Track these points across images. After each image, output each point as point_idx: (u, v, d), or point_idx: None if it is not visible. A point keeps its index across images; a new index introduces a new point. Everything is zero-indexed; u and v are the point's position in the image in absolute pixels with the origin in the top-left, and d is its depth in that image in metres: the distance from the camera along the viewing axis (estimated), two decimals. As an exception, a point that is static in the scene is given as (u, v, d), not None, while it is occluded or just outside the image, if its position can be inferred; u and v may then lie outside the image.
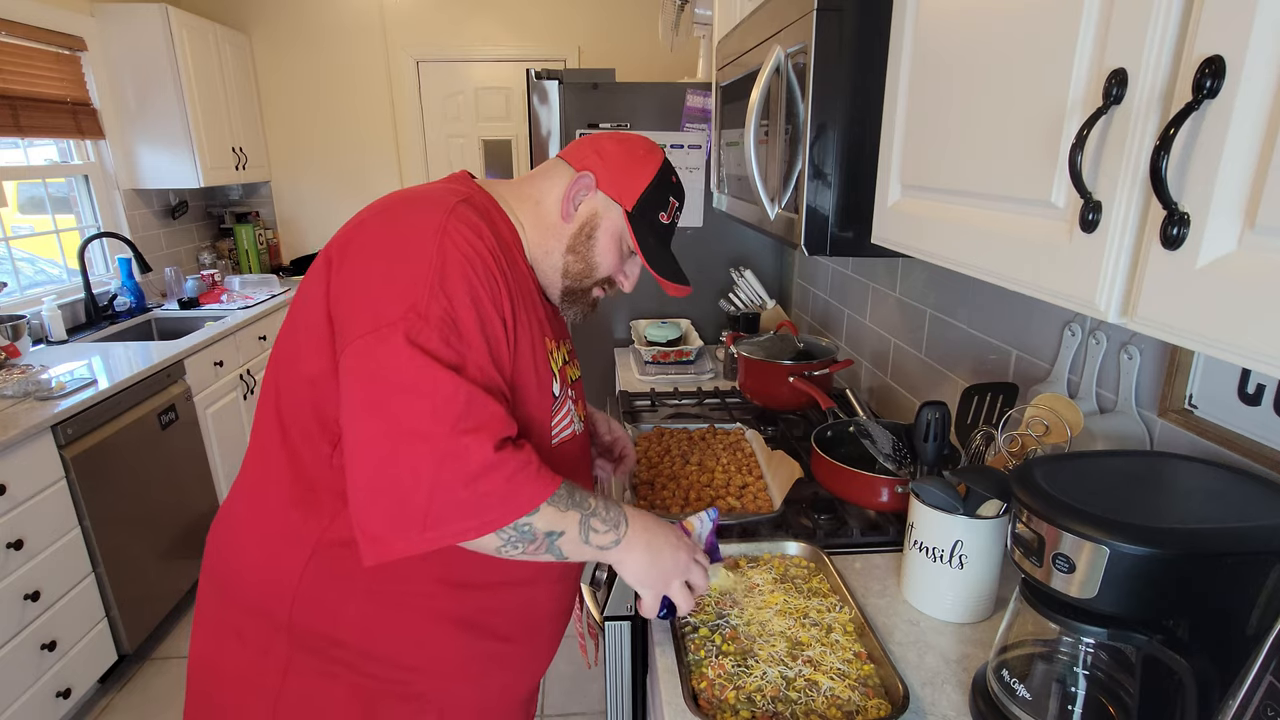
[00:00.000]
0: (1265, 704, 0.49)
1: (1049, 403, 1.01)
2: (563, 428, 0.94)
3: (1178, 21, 0.46)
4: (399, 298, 0.74)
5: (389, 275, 0.76)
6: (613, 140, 0.94)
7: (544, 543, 0.77)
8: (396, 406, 0.71)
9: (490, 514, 0.72)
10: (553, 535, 0.77)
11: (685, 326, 2.36)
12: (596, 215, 0.92)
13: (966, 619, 0.97)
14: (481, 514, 0.72)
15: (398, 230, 0.79)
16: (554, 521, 0.77)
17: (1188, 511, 0.69)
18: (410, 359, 0.71)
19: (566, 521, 0.78)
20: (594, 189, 0.91)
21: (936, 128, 0.77)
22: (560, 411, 0.93)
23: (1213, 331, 0.44)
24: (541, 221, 0.92)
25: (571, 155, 0.94)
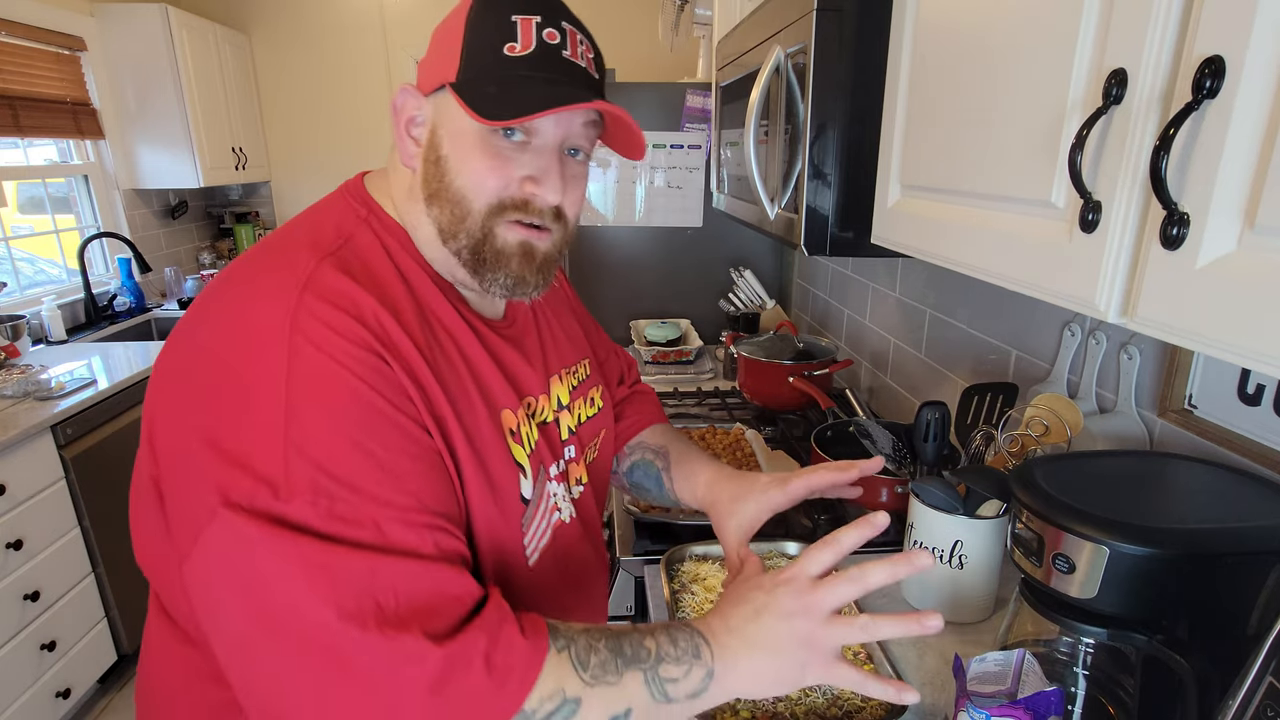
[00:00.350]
0: (1265, 704, 0.49)
1: (1049, 403, 1.01)
2: (540, 533, 0.69)
3: (1178, 21, 0.46)
4: (238, 458, 0.49)
5: (216, 420, 0.51)
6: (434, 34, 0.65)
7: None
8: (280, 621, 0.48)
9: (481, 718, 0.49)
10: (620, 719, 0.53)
11: (685, 326, 2.36)
12: (434, 130, 0.62)
13: (966, 619, 0.96)
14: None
15: (225, 340, 0.53)
16: (611, 703, 0.53)
17: (1188, 511, 0.69)
18: (273, 544, 0.48)
19: (628, 693, 0.53)
20: (420, 98, 0.63)
21: (936, 128, 0.77)
22: (536, 517, 0.68)
23: (1212, 331, 0.44)
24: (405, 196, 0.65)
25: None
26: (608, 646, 0.55)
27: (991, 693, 0.66)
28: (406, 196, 0.65)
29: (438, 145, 0.62)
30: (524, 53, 0.59)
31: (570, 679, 0.52)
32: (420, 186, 0.63)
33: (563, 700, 0.51)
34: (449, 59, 0.60)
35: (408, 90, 0.63)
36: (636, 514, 1.19)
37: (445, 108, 0.61)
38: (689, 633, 0.57)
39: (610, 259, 2.39)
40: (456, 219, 0.62)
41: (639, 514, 1.19)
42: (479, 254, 0.63)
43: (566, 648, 0.54)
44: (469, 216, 0.62)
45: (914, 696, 0.57)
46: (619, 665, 0.54)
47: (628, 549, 1.15)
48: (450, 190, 0.61)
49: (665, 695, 0.55)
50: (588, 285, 2.40)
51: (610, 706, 0.53)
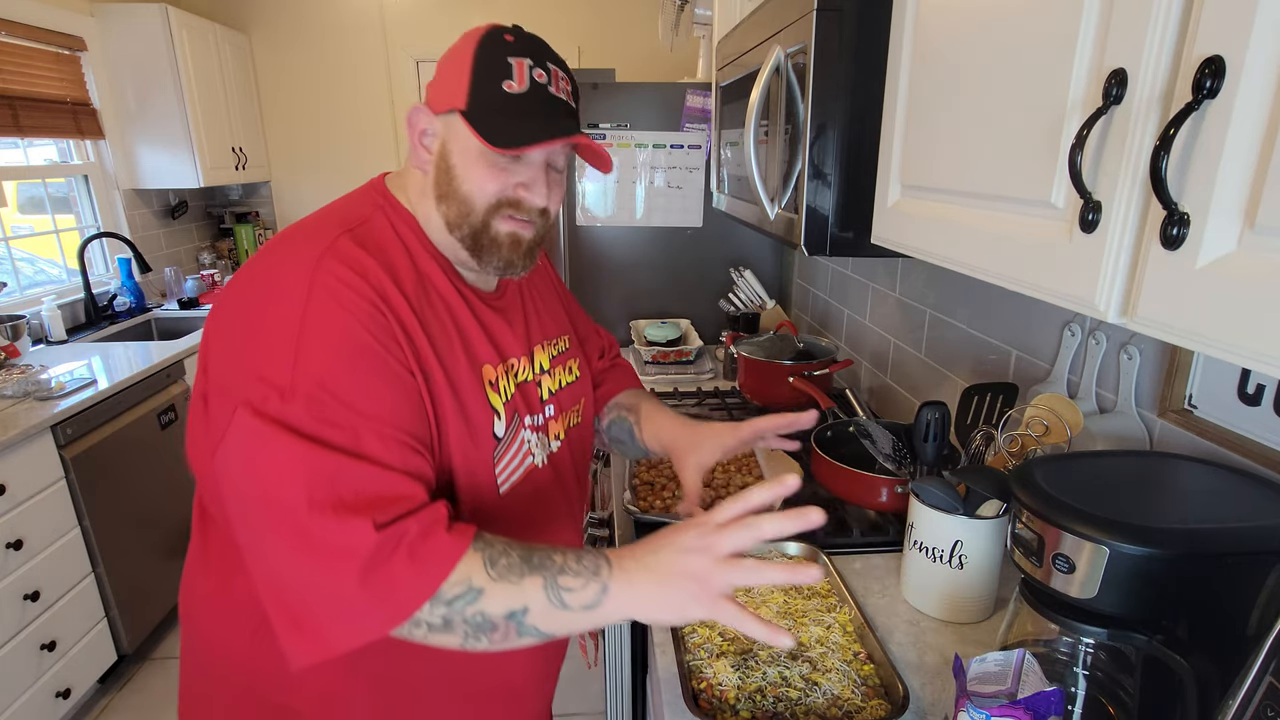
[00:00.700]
0: (1265, 704, 0.49)
1: (1049, 403, 1.01)
2: (512, 469, 0.81)
3: (1178, 21, 0.46)
4: (254, 371, 0.64)
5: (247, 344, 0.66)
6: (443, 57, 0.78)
7: (509, 628, 0.64)
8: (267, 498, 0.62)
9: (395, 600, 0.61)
10: (516, 615, 0.63)
11: (685, 326, 2.36)
12: (445, 143, 0.76)
13: (966, 619, 0.97)
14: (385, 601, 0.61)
15: (262, 284, 0.69)
16: (511, 598, 0.63)
17: (1187, 512, 0.69)
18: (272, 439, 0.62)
19: (527, 593, 0.63)
20: (431, 116, 0.76)
21: (936, 128, 0.77)
22: (509, 454, 0.80)
23: (1212, 331, 0.44)
24: (421, 193, 0.78)
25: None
26: (519, 554, 0.65)
27: (991, 693, 0.66)
28: (419, 193, 0.78)
29: (448, 156, 0.75)
30: (519, 90, 0.74)
31: (478, 573, 0.63)
32: (432, 187, 0.77)
33: (468, 588, 0.63)
34: (458, 89, 0.74)
35: (421, 109, 0.77)
36: (636, 514, 1.19)
37: (454, 127, 0.75)
38: (595, 554, 0.67)
39: (610, 259, 2.39)
40: (462, 214, 0.76)
41: (639, 514, 1.19)
42: (479, 241, 0.77)
43: (483, 550, 0.64)
44: (472, 213, 0.76)
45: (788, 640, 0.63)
46: (523, 570, 0.64)
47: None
48: (459, 192, 0.75)
49: (561, 602, 0.64)
50: (588, 285, 2.40)
51: (509, 602, 0.63)
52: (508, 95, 0.73)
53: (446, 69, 0.76)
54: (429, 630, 0.63)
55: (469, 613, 0.63)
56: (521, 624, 0.64)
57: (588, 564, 0.65)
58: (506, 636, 0.64)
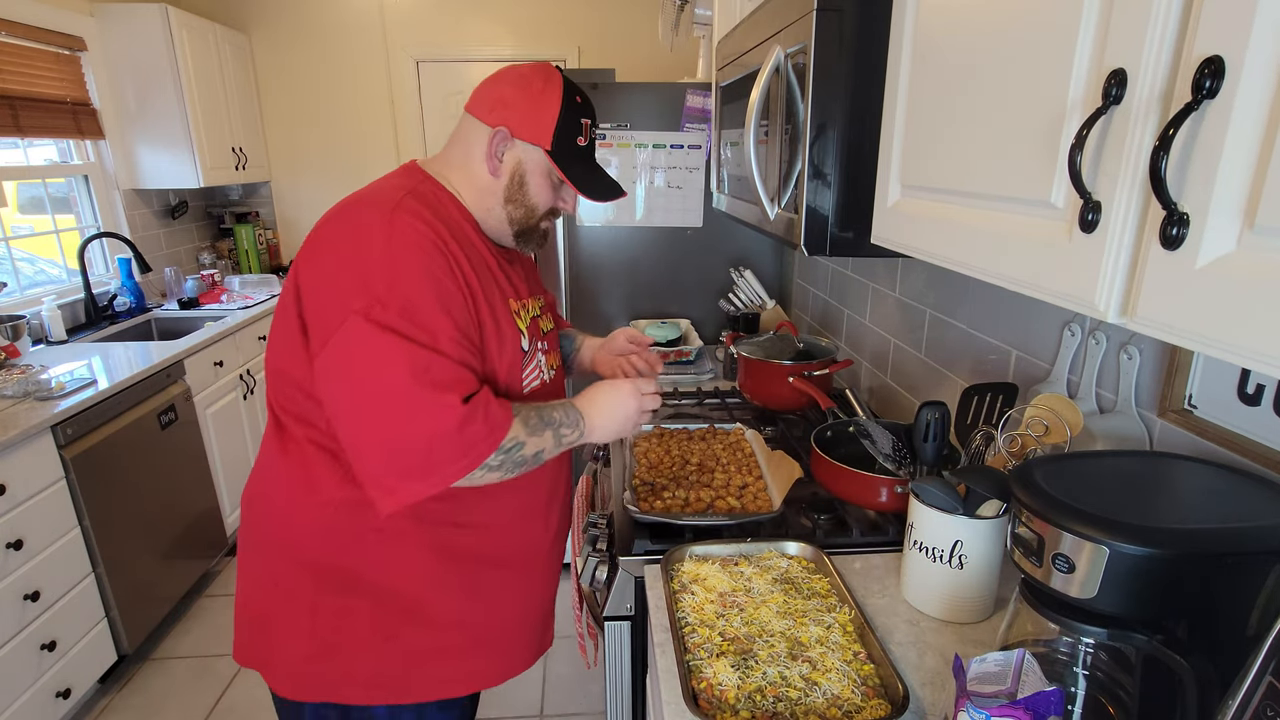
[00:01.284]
0: (1265, 704, 0.49)
1: (1049, 403, 1.01)
2: (532, 378, 1.06)
3: (1177, 21, 0.46)
4: (359, 291, 0.84)
5: (346, 273, 0.86)
6: (511, 84, 0.98)
7: (535, 460, 0.94)
8: (380, 381, 0.83)
9: (476, 450, 0.87)
10: (540, 454, 0.95)
11: (685, 326, 2.36)
12: (521, 163, 0.99)
13: (966, 619, 0.97)
14: (469, 452, 0.86)
15: (350, 231, 0.89)
16: (536, 445, 0.94)
17: (1187, 512, 0.69)
18: (379, 339, 0.83)
19: (544, 441, 0.95)
20: (510, 139, 0.98)
21: (936, 128, 0.77)
22: (530, 365, 1.05)
23: (1212, 331, 0.44)
24: (475, 184, 1.00)
25: (479, 109, 0.99)
26: (537, 416, 0.95)
27: (991, 693, 0.66)
28: (476, 186, 1.01)
29: (523, 174, 1.00)
30: (584, 145, 1.02)
31: (519, 431, 0.92)
32: (501, 191, 1.01)
33: (515, 441, 0.91)
34: (542, 131, 0.98)
35: (504, 133, 0.98)
36: (636, 514, 1.19)
37: (534, 158, 1.00)
38: (574, 410, 1.00)
39: (610, 259, 2.39)
40: (525, 216, 1.03)
41: (639, 514, 1.19)
42: (527, 232, 1.05)
43: (519, 414, 0.93)
44: (532, 216, 1.04)
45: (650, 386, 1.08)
46: (541, 426, 0.95)
47: (627, 549, 1.15)
48: (528, 201, 1.02)
49: (561, 440, 0.98)
50: (588, 285, 2.40)
51: (535, 447, 0.94)
52: (577, 147, 1.00)
53: (531, 108, 0.97)
54: (486, 471, 0.89)
55: (514, 456, 0.91)
56: (540, 456, 0.95)
57: (572, 417, 0.99)
58: (528, 467, 0.95)
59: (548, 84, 0.97)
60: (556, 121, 0.96)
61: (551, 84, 0.97)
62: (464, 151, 1.00)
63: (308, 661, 1.01)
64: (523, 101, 0.96)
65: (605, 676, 1.24)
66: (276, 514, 1.01)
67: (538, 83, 0.97)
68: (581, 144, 1.00)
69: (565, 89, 0.98)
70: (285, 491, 1.00)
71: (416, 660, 1.03)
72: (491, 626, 1.08)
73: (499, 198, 1.00)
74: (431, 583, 1.01)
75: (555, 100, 0.97)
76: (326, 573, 0.99)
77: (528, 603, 1.14)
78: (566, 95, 0.97)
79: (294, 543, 1.00)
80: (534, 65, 1.00)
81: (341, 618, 0.99)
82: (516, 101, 0.97)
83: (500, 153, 0.98)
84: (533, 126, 0.97)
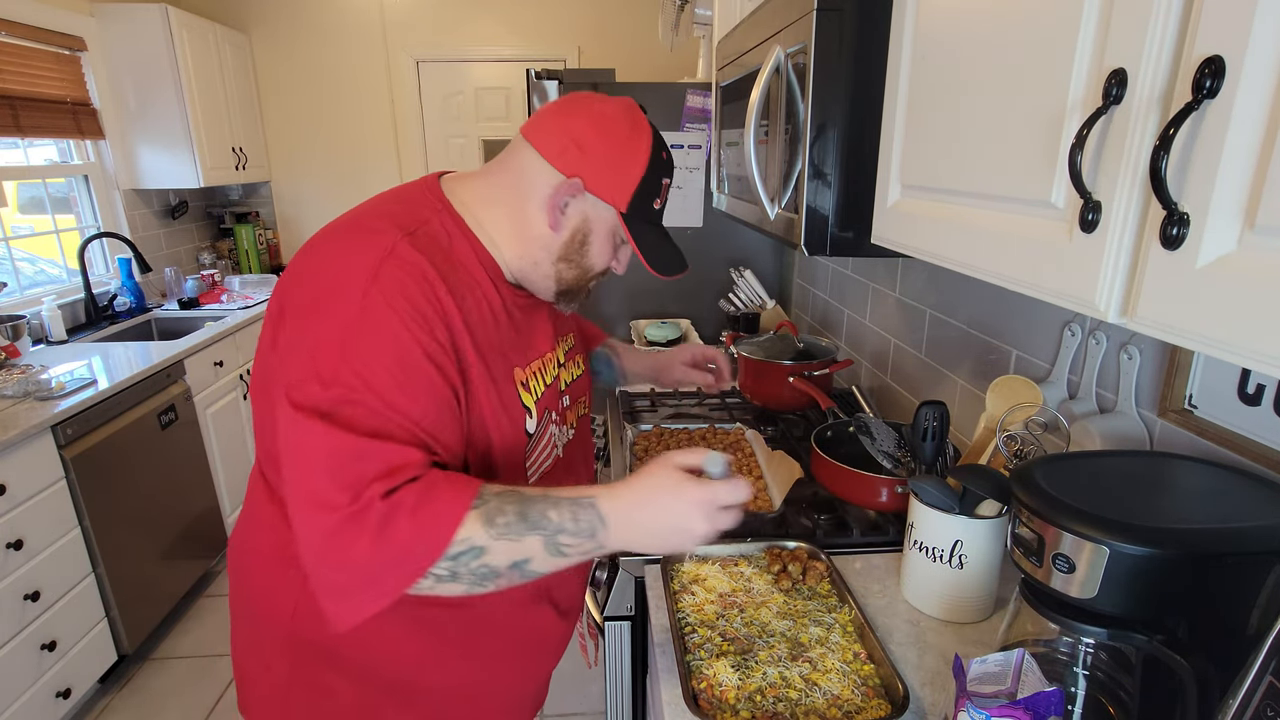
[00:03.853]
0: (1265, 704, 0.49)
1: (1007, 384, 1.04)
2: (542, 460, 0.89)
3: (1177, 21, 0.46)
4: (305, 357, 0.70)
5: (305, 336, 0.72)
6: (594, 127, 0.81)
7: (513, 574, 0.71)
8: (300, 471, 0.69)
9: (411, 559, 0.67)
10: (519, 564, 0.71)
11: (685, 326, 2.36)
12: (588, 220, 0.83)
13: (966, 619, 0.97)
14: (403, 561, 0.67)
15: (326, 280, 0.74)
16: (512, 554, 0.70)
17: (1188, 511, 0.69)
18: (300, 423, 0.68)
19: (528, 548, 0.70)
20: (583, 192, 0.82)
21: (936, 128, 0.77)
22: (538, 448, 0.88)
23: (1213, 331, 0.44)
24: (524, 234, 0.83)
25: (546, 144, 0.81)
26: (515, 511, 0.70)
27: (991, 693, 0.66)
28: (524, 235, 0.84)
29: (588, 233, 0.84)
30: (659, 206, 0.87)
31: (478, 533, 0.68)
32: (559, 248, 0.84)
33: (470, 547, 0.68)
34: (621, 190, 0.82)
35: (577, 184, 0.81)
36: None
37: (601, 213, 0.84)
38: (590, 512, 0.71)
39: (610, 259, 2.38)
40: (579, 277, 0.88)
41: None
42: (574, 292, 0.89)
43: (480, 507, 0.69)
44: (585, 277, 0.88)
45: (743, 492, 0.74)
46: (521, 529, 0.69)
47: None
48: (585, 261, 0.86)
49: (561, 553, 0.71)
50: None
51: (511, 555, 0.70)
52: (652, 210, 0.86)
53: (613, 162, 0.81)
54: (436, 581, 0.69)
55: (474, 565, 0.69)
56: (524, 570, 0.71)
57: (584, 525, 0.71)
58: (511, 581, 0.72)
59: (635, 132, 0.82)
60: (639, 182, 0.81)
61: (639, 134, 0.82)
62: (516, 190, 0.83)
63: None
64: (605, 150, 0.80)
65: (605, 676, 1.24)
66: (258, 582, 0.89)
67: (623, 129, 0.81)
68: (657, 207, 0.86)
69: (654, 144, 0.83)
70: (267, 561, 0.87)
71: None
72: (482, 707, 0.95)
73: (552, 254, 0.84)
74: (424, 666, 0.88)
75: (644, 155, 0.82)
76: (307, 649, 0.86)
77: (525, 686, 1.00)
78: (655, 151, 0.83)
79: (272, 614, 0.87)
80: (620, 104, 0.83)
81: (318, 695, 0.87)
82: (597, 149, 0.80)
83: (564, 204, 0.82)
84: (612, 183, 0.81)
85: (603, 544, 0.72)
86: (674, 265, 0.90)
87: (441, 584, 0.69)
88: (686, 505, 0.72)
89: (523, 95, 3.87)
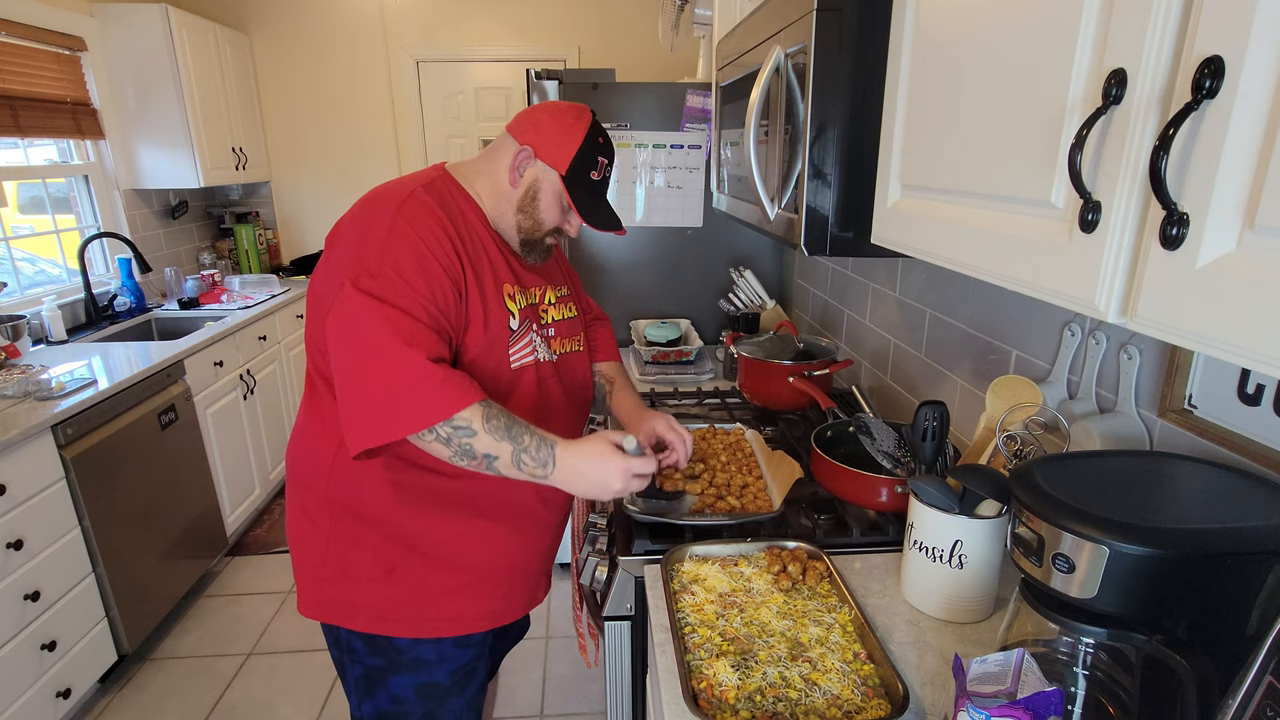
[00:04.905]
0: (1265, 704, 0.49)
1: (1007, 384, 1.04)
2: (524, 354, 1.13)
3: (1177, 22, 0.46)
4: (354, 262, 0.98)
5: (349, 250, 1.00)
6: (548, 113, 1.11)
7: (482, 462, 0.97)
8: (358, 335, 0.94)
9: (427, 408, 0.93)
10: (489, 458, 0.97)
11: (685, 326, 2.36)
12: (538, 180, 1.11)
13: (966, 619, 0.97)
14: (421, 407, 0.93)
15: (364, 216, 1.03)
16: (489, 447, 0.96)
17: (1188, 511, 0.69)
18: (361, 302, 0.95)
19: (500, 450, 0.96)
20: (534, 158, 1.09)
21: (936, 128, 0.77)
22: (519, 342, 1.12)
23: (1212, 331, 0.44)
24: (496, 190, 1.12)
25: (516, 128, 1.12)
26: (504, 422, 0.97)
27: (991, 693, 0.66)
28: (497, 192, 1.13)
29: (537, 191, 1.11)
30: (596, 179, 1.13)
31: (477, 420, 0.96)
32: (516, 201, 1.12)
33: (467, 425, 0.95)
34: (562, 158, 1.09)
35: (528, 151, 1.09)
36: (635, 514, 1.19)
37: (549, 178, 1.11)
38: (550, 450, 0.99)
39: (610, 259, 2.39)
40: (532, 228, 1.14)
41: (638, 514, 1.19)
42: (532, 243, 1.16)
43: (485, 407, 0.97)
44: (538, 229, 1.14)
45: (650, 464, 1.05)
46: (504, 434, 0.97)
47: (628, 549, 1.15)
48: (536, 214, 1.13)
49: (519, 467, 0.98)
50: (588, 286, 2.40)
51: (487, 449, 0.96)
52: (590, 180, 1.12)
53: (557, 136, 1.09)
54: (434, 439, 0.95)
55: (462, 441, 0.95)
56: (490, 465, 0.98)
57: (542, 456, 0.98)
58: (478, 468, 0.98)
59: (578, 120, 1.10)
60: (576, 152, 1.09)
61: (581, 121, 1.10)
62: (493, 160, 1.14)
63: (322, 584, 1.14)
64: (552, 128, 1.09)
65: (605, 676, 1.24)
66: (304, 459, 1.16)
67: (569, 117, 1.10)
68: (594, 178, 1.12)
69: (591, 128, 1.10)
70: (313, 440, 1.14)
71: (414, 596, 1.13)
72: (480, 572, 1.16)
73: (513, 205, 1.12)
74: (427, 523, 1.11)
75: (580, 134, 1.09)
76: (341, 507, 1.12)
77: (512, 557, 1.19)
78: (591, 133, 1.10)
79: (315, 480, 1.14)
80: (574, 105, 1.13)
81: (350, 545, 1.12)
82: (547, 127, 1.10)
83: (522, 168, 1.10)
84: (554, 151, 1.09)
85: (548, 476, 0.99)
86: (609, 223, 1.15)
87: (436, 443, 0.95)
88: (612, 468, 1.00)
89: (523, 95, 3.87)
